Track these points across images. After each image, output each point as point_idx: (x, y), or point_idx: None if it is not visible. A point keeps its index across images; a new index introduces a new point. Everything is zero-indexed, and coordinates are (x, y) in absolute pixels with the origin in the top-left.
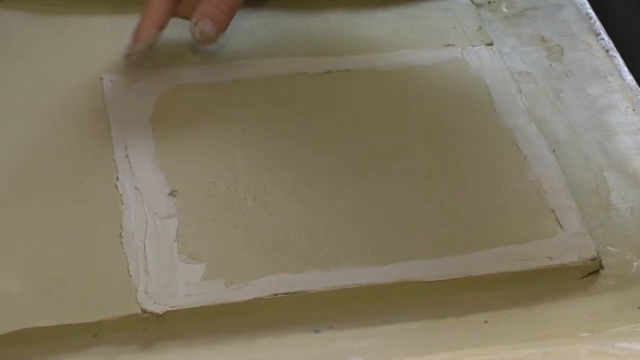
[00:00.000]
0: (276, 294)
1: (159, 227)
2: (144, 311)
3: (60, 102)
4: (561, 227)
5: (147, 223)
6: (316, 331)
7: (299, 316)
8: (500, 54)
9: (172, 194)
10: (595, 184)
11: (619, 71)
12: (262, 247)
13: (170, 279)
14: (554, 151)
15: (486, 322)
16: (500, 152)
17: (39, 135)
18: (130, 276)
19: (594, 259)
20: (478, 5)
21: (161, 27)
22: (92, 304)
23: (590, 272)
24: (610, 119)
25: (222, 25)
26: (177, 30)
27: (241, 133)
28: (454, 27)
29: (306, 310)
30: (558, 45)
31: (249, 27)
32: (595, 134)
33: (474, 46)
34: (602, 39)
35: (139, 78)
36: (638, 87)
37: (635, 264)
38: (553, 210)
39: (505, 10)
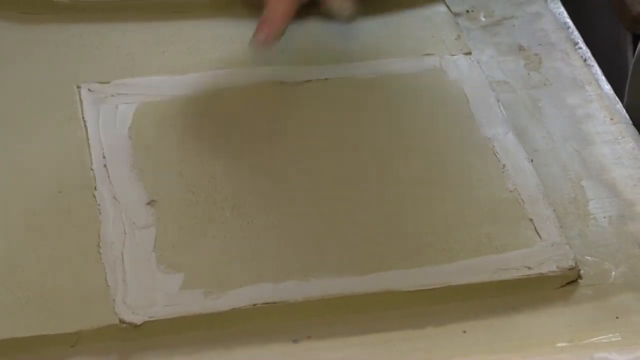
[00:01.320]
0: (255, 304)
1: (137, 237)
2: (122, 321)
3: (38, 111)
4: (540, 236)
5: (126, 233)
6: (295, 341)
7: (278, 326)
8: (478, 63)
9: (150, 203)
10: (574, 194)
11: (597, 80)
12: (241, 256)
13: (148, 289)
14: (532, 160)
15: (465, 331)
16: (479, 162)
17: (16, 144)
18: (109, 286)
19: (572, 269)
20: (456, 14)
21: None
22: (70, 314)
23: (568, 281)
24: (588, 128)
25: None
26: (158, 38)
27: (220, 143)
28: (433, 36)
29: (285, 320)
30: (536, 55)
31: (228, 36)
32: (574, 143)
33: (453, 55)
34: (580, 48)
35: (117, 87)
36: (616, 96)
37: (614, 273)
38: (531, 220)
39: (483, 19)
